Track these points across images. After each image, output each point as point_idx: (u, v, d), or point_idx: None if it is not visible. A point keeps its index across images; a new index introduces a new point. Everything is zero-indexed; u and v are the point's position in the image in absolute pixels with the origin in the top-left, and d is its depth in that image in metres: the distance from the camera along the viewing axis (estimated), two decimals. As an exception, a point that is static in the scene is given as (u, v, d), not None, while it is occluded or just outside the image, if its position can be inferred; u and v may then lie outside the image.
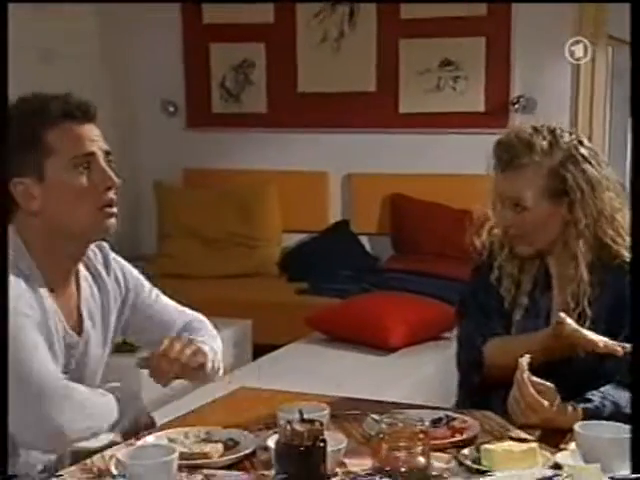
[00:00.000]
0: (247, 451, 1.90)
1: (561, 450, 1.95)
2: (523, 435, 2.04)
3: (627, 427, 1.84)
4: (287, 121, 6.28)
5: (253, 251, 6.15)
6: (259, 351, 4.72)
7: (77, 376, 2.16)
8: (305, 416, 1.77)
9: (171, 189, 6.50)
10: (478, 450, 1.91)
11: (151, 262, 6.20)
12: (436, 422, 2.10)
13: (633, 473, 1.47)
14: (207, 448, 1.88)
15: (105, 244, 2.35)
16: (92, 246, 2.25)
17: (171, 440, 1.94)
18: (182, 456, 1.81)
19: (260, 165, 6.30)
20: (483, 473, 1.83)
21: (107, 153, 2.15)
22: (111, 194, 2.13)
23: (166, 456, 1.71)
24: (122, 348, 4.19)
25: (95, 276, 2.29)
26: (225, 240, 6.18)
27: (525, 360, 2.11)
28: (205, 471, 1.81)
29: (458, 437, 2.02)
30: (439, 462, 1.88)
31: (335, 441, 1.82)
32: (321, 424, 1.69)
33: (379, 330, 4.42)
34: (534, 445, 1.91)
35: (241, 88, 6.44)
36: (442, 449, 1.95)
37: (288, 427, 1.65)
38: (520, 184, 2.32)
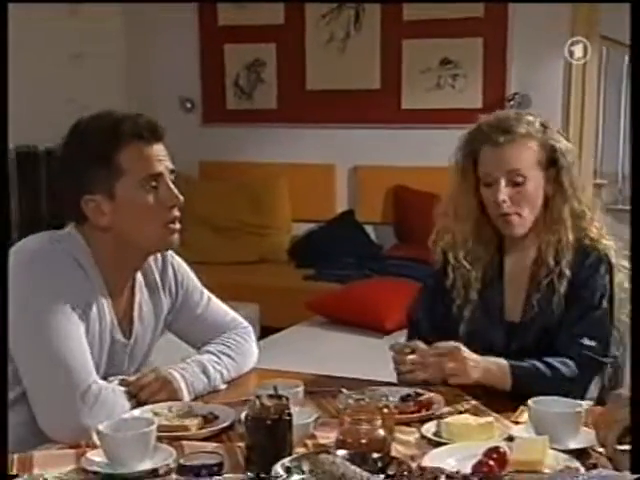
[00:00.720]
0: (225, 424, 1.98)
1: (518, 424, 2.03)
2: (482, 408, 2.14)
3: (579, 402, 1.97)
4: (296, 117, 6.44)
5: (264, 239, 6.33)
6: (266, 333, 4.89)
7: (117, 372, 2.21)
8: (280, 392, 1.88)
9: (188, 181, 6.62)
10: (440, 424, 2.00)
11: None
12: (405, 398, 2.17)
13: (633, 473, 1.45)
14: (187, 421, 1.98)
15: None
16: None
17: (155, 413, 2.02)
18: (163, 429, 1.91)
19: (271, 158, 6.45)
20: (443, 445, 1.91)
21: (172, 171, 2.20)
22: (175, 211, 2.19)
23: (145, 428, 1.80)
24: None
25: (150, 282, 2.33)
26: (238, 229, 6.36)
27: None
28: (184, 442, 1.91)
29: (424, 412, 2.10)
30: (404, 435, 1.98)
31: (305, 415, 1.94)
32: (287, 399, 1.79)
33: (376, 314, 4.58)
34: (491, 419, 2.01)
35: (253, 86, 6.62)
36: (409, 423, 2.05)
37: (257, 402, 1.77)
38: (519, 154, 2.35)
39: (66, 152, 2.18)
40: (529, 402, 1.98)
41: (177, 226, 2.21)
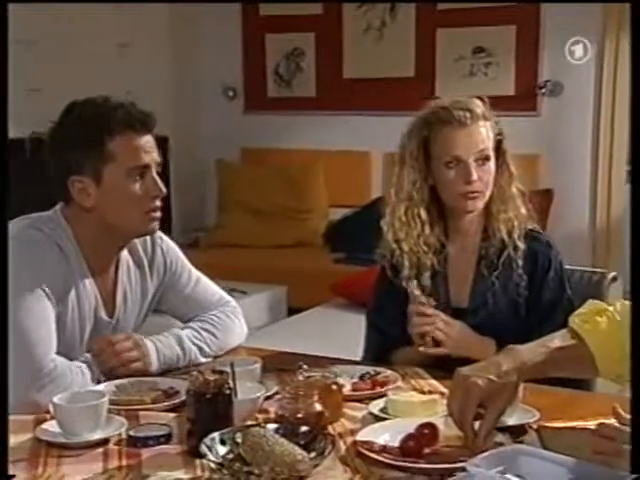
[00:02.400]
0: (182, 398, 1.93)
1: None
2: (442, 389, 2.09)
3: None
4: (334, 104, 6.43)
5: (301, 223, 6.33)
6: (294, 314, 4.96)
7: None
8: (236, 368, 1.90)
9: (230, 166, 6.70)
10: (387, 401, 1.99)
11: (210, 233, 6.52)
12: (363, 376, 2.16)
13: (633, 473, 1.41)
14: (145, 396, 1.99)
15: None
16: None
17: (117, 388, 2.05)
18: (121, 402, 1.95)
19: (309, 145, 6.45)
20: (388, 421, 1.91)
21: (158, 164, 2.18)
22: (157, 201, 2.17)
23: (96, 400, 1.81)
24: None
25: (137, 260, 2.34)
26: (276, 213, 6.37)
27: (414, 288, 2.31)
28: (141, 414, 1.93)
29: (378, 390, 2.09)
30: (354, 411, 1.97)
31: (255, 390, 1.94)
32: (227, 374, 1.79)
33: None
34: (435, 396, 1.99)
35: (293, 74, 6.63)
36: (360, 400, 2.04)
37: (199, 377, 1.77)
38: (484, 134, 2.34)
39: (58, 132, 2.17)
40: None
41: (157, 214, 2.20)
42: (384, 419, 1.92)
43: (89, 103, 2.17)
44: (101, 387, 2.05)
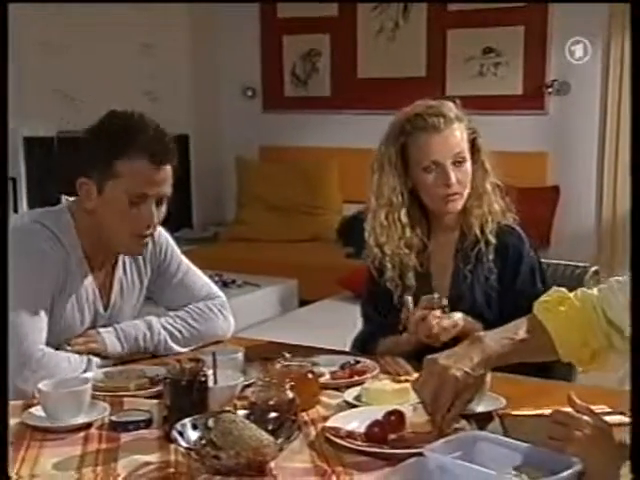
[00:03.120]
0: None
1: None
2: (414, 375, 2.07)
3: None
4: (348, 103, 6.46)
5: (316, 219, 6.39)
6: (305, 306, 5.03)
7: None
8: (218, 357, 1.95)
9: (249, 164, 6.74)
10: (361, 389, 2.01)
11: (229, 227, 6.58)
12: (343, 365, 2.20)
13: (633, 473, 1.38)
14: (130, 383, 2.04)
15: None
16: None
17: (106, 375, 2.11)
18: (106, 389, 2.02)
19: (324, 143, 6.49)
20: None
21: (162, 198, 2.17)
22: (147, 230, 2.20)
23: (79, 386, 1.87)
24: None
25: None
26: (292, 209, 6.41)
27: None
28: (125, 400, 1.99)
29: (355, 378, 2.12)
30: (330, 399, 2.01)
31: (234, 378, 1.97)
32: (203, 363, 1.84)
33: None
34: (407, 385, 1.99)
35: (309, 75, 6.68)
36: (338, 388, 2.07)
37: (176, 365, 1.83)
38: (459, 137, 2.37)
39: (88, 133, 2.18)
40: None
41: (146, 240, 2.24)
42: (357, 407, 1.96)
43: (121, 116, 2.17)
44: (89, 374, 2.10)
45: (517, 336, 1.89)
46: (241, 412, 1.76)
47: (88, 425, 1.87)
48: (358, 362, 2.23)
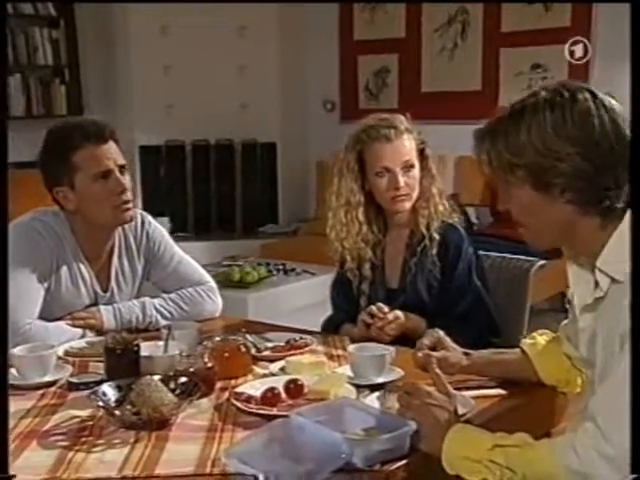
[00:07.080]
0: None
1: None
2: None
3: (387, 348, 1.97)
4: (413, 114, 6.27)
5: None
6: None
7: None
8: (175, 331, 2.05)
9: (328, 167, 6.81)
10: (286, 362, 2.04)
11: (309, 223, 6.67)
12: (288, 341, 2.23)
13: (633, 473, 1.37)
14: (100, 350, 2.06)
15: (146, 214, 2.51)
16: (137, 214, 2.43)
17: (87, 343, 2.21)
18: (78, 354, 2.13)
19: (393, 150, 6.50)
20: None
21: (121, 166, 2.27)
22: (124, 196, 2.27)
23: (44, 351, 1.97)
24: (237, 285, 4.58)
25: (128, 245, 2.46)
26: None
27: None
28: (91, 364, 2.07)
29: (291, 352, 2.13)
30: (261, 369, 2.05)
31: (174, 349, 1.99)
32: (137, 335, 1.94)
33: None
34: (322, 359, 2.08)
35: (380, 89, 6.68)
36: (273, 360, 2.10)
37: (116, 336, 1.93)
38: (408, 146, 2.41)
39: (41, 154, 2.31)
40: (349, 347, 2.02)
41: (128, 205, 2.30)
42: (279, 376, 1.98)
43: (57, 127, 2.31)
44: (74, 343, 2.22)
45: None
46: (157, 377, 1.82)
47: (52, 384, 1.95)
48: (302, 339, 2.25)
